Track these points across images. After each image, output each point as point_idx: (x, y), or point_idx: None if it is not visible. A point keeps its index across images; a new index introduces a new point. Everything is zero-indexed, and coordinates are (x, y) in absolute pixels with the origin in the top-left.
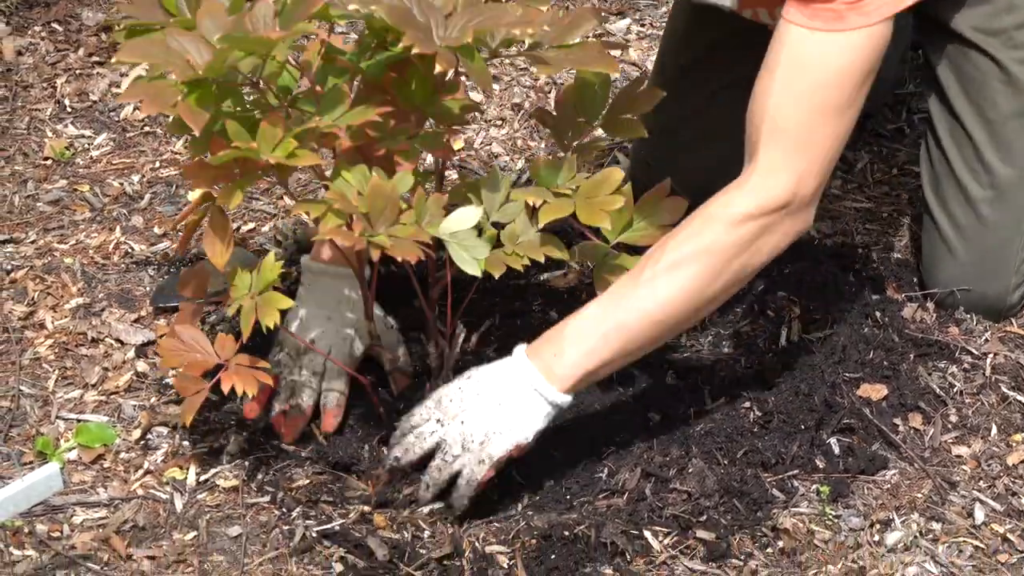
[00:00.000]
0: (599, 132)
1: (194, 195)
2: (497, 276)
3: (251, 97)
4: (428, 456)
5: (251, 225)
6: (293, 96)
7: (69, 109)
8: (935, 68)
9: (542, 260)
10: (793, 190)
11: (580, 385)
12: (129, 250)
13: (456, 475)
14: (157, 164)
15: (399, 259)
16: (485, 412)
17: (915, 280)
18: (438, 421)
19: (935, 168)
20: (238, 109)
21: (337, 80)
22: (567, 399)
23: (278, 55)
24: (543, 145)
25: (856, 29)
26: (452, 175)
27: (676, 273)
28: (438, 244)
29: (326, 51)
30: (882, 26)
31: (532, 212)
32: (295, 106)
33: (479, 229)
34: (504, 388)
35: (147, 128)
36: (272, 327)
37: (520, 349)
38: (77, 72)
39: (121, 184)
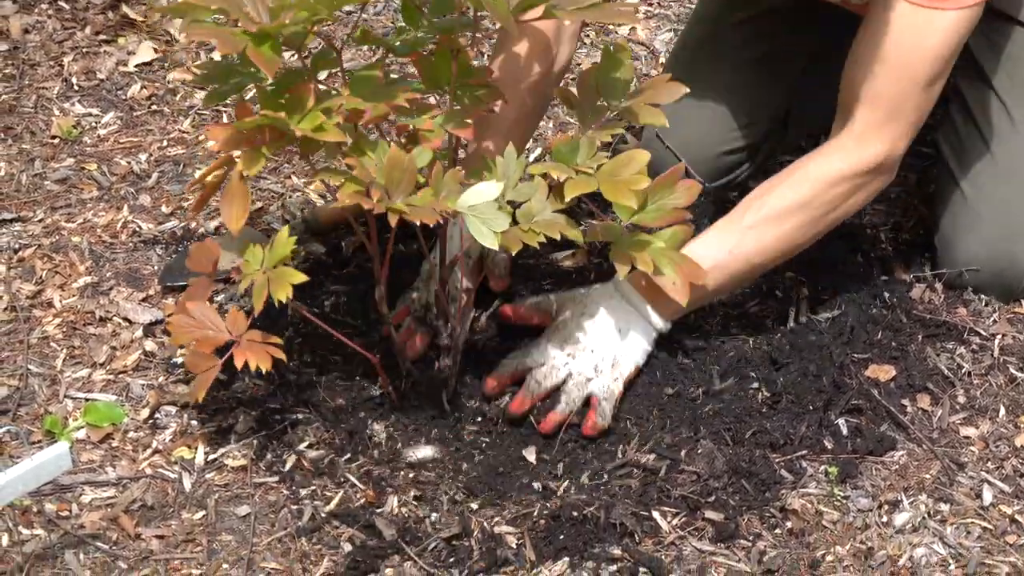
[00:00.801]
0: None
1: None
2: (514, 252)
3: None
4: (556, 387)
5: (258, 204)
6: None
7: (76, 87)
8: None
9: (558, 238)
10: (887, 153)
11: (680, 315)
12: (137, 229)
13: (589, 396)
14: (164, 143)
15: (418, 223)
16: (610, 340)
17: (923, 260)
18: (569, 355)
19: (961, 137)
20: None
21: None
22: (668, 327)
23: (315, 26)
24: (550, 124)
25: (958, 8)
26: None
27: (777, 223)
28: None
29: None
30: (979, 7)
31: (548, 192)
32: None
33: (497, 204)
34: (622, 318)
35: (154, 107)
36: (285, 301)
37: (623, 285)
38: (84, 50)
39: (128, 163)
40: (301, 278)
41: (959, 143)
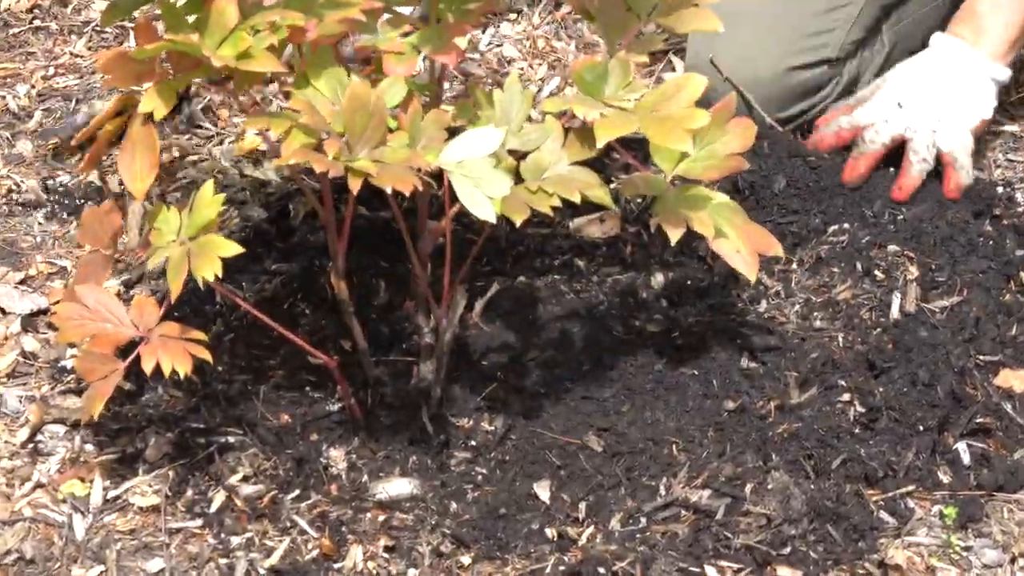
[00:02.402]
0: (652, 27)
1: (105, 105)
2: (518, 223)
3: None
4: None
5: (175, 153)
6: None
7: None
8: None
9: (577, 200)
10: None
11: (1009, 58)
12: (14, 186)
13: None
14: (51, 70)
15: (388, 191)
16: (945, 89)
17: None
18: (900, 106)
19: None
20: None
21: None
22: (1008, 73)
23: None
24: (572, 47)
25: None
26: (449, 89)
27: None
28: (435, 179)
29: None
30: None
31: (564, 137)
32: None
33: (495, 159)
34: (951, 66)
35: (38, 22)
36: (211, 281)
37: (942, 37)
38: None
39: (2, 97)
40: (234, 249)
41: None
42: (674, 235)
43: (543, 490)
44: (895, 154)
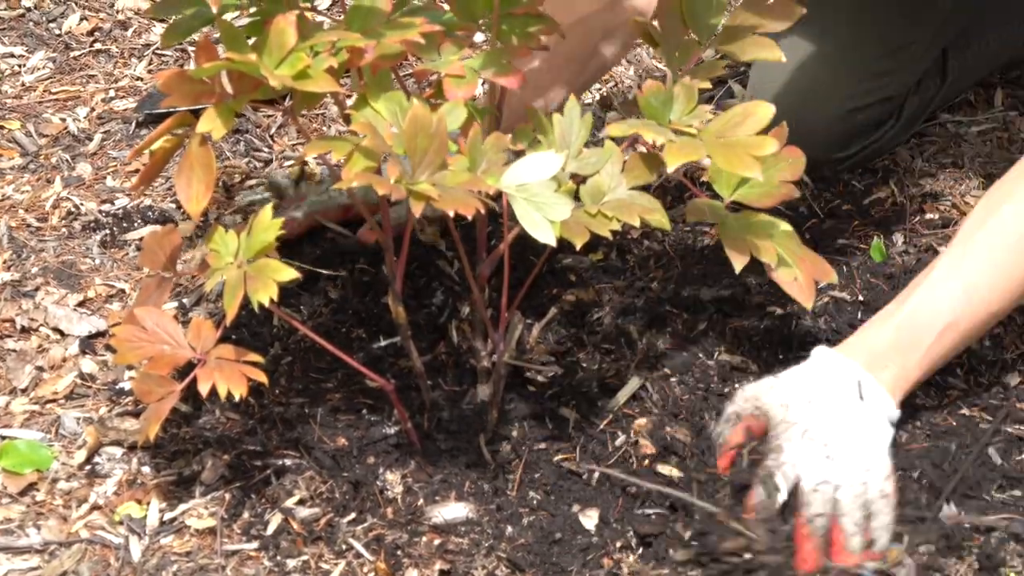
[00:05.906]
0: (711, 53)
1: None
2: (579, 246)
3: None
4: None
5: (236, 178)
6: None
7: None
8: None
9: (637, 224)
10: None
11: (908, 392)
12: (73, 209)
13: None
14: (112, 93)
15: (451, 215)
16: (857, 437)
17: None
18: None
19: None
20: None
21: None
22: (898, 415)
23: None
24: (631, 72)
25: None
26: None
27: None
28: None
29: None
30: None
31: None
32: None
33: (555, 182)
34: (853, 416)
35: (98, 44)
36: (267, 305)
37: (838, 357)
38: None
39: (63, 120)
40: (290, 274)
41: None
42: (739, 263)
43: (589, 521)
44: None
